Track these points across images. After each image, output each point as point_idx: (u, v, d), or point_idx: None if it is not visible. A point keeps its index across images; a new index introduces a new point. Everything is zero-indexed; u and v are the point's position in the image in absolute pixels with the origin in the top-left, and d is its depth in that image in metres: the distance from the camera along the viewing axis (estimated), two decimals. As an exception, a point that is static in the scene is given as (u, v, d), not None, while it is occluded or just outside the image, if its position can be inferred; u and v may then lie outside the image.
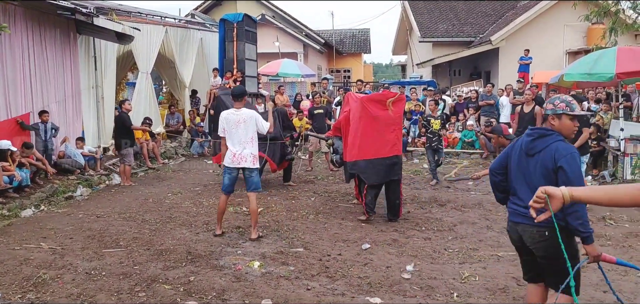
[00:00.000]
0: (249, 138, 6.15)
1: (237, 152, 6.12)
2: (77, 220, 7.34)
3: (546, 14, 18.82)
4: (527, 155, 3.33)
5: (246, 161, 6.14)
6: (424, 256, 5.69)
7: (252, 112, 6.26)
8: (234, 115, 6.17)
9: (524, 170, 3.35)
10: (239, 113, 6.17)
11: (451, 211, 7.70)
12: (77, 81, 11.06)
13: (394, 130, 7.15)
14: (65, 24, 10.72)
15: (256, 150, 6.25)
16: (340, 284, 4.87)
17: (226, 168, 6.23)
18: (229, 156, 6.16)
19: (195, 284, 4.80)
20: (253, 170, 6.21)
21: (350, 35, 33.35)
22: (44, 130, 9.52)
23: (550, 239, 3.13)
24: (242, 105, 6.25)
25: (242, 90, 6.51)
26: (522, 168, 3.37)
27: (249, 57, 14.72)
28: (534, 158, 3.28)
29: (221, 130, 6.24)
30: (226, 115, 6.23)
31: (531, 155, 3.30)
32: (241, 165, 6.15)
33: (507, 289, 4.73)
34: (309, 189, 9.41)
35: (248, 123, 6.13)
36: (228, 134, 6.17)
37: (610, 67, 8.83)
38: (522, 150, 3.37)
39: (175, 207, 8.02)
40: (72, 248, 5.96)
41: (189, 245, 6.02)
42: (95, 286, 4.81)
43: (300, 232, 6.59)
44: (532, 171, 3.29)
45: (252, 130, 6.17)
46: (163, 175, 11.07)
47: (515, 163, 3.43)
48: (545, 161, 3.20)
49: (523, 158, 3.36)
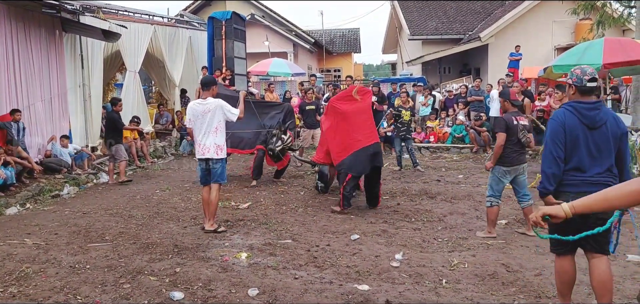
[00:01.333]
0: (213, 128, 6.01)
1: (202, 142, 6.03)
2: (63, 216, 7.24)
3: (534, 10, 18.92)
4: (589, 128, 3.51)
5: (209, 151, 6.03)
6: (413, 246, 5.66)
7: (218, 101, 6.10)
8: (200, 106, 6.06)
9: (588, 143, 3.51)
10: (205, 103, 6.05)
11: (441, 203, 7.67)
12: (63, 80, 10.93)
13: (366, 119, 7.24)
14: (50, 21, 10.60)
15: (221, 140, 6.09)
16: (329, 273, 4.82)
17: (198, 160, 6.19)
18: (197, 149, 6.12)
19: (181, 276, 4.73)
20: (217, 161, 6.06)
21: (340, 35, 33.33)
22: (16, 129, 9.30)
23: None
24: (209, 94, 6.09)
25: (210, 79, 6.37)
26: (582, 141, 3.51)
27: (238, 55, 14.68)
28: (599, 130, 3.51)
29: (188, 121, 6.19)
30: (192, 105, 6.16)
31: (597, 127, 3.50)
32: (205, 155, 6.04)
33: (496, 275, 4.71)
34: (299, 183, 9.36)
35: (214, 113, 6.00)
36: (194, 125, 6.08)
37: (597, 58, 8.88)
38: (580, 124, 3.51)
39: (163, 203, 7.93)
40: (56, 243, 5.86)
41: (176, 238, 5.95)
42: (79, 279, 4.72)
43: (289, 225, 6.54)
44: (600, 141, 3.51)
45: (217, 120, 6.02)
46: (152, 174, 10.96)
47: (572, 140, 3.53)
48: (613, 129, 3.52)
49: (583, 133, 3.51)
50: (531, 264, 4.97)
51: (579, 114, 3.54)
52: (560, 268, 3.72)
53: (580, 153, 3.53)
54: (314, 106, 11.60)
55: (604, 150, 3.54)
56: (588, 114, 3.53)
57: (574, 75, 3.62)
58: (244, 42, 15.37)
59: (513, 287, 4.45)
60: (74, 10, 10.91)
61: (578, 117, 3.53)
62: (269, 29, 23.23)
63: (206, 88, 6.11)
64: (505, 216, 6.79)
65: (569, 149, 3.54)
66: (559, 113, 3.62)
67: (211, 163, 6.09)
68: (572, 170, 3.55)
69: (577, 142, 3.53)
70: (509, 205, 7.43)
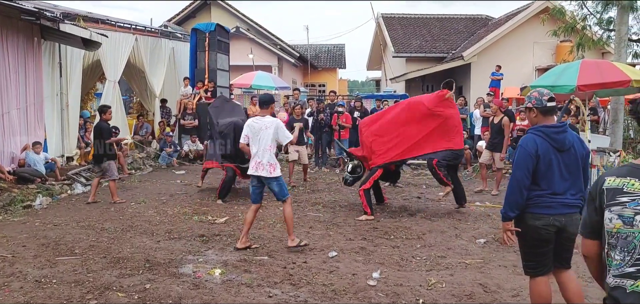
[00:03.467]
0: (267, 146, 5.92)
1: (258, 160, 5.93)
2: (33, 228, 7.02)
3: (516, 31, 19.18)
4: (559, 151, 3.54)
5: (264, 169, 5.91)
6: (391, 264, 5.58)
7: (276, 120, 6.09)
8: (257, 123, 5.98)
9: (559, 166, 3.55)
10: (263, 120, 5.98)
11: (421, 221, 7.61)
12: (39, 88, 10.71)
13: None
14: (29, 28, 10.40)
15: (274, 159, 6.01)
16: (304, 292, 4.71)
17: (252, 178, 6.06)
18: (252, 166, 5.97)
19: (150, 292, 4.57)
20: (272, 180, 5.95)
21: (326, 50, 33.42)
22: None
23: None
24: (267, 112, 6.06)
25: (269, 97, 6.28)
26: (555, 165, 3.54)
27: (221, 67, 14.59)
28: (568, 152, 3.56)
29: (244, 137, 6.05)
30: (250, 122, 6.05)
31: (566, 149, 3.55)
32: (258, 172, 5.92)
33: (473, 296, 4.65)
34: (278, 199, 9.22)
35: (270, 132, 5.92)
36: (252, 142, 5.98)
37: (572, 79, 8.96)
38: (551, 148, 3.53)
39: (138, 216, 7.74)
40: (23, 256, 5.66)
41: (148, 252, 5.79)
42: (44, 294, 4.55)
43: (266, 240, 6.42)
44: (570, 163, 3.57)
45: (272, 139, 5.95)
46: (128, 185, 10.73)
47: (546, 165, 3.53)
48: (580, 151, 3.62)
49: (555, 156, 3.54)
50: (509, 284, 4.92)
51: (549, 138, 3.55)
52: (536, 290, 3.71)
53: (554, 177, 3.55)
54: (301, 123, 11.49)
55: (574, 172, 3.60)
56: (557, 138, 3.56)
57: (533, 98, 3.64)
58: (227, 55, 15.29)
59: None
60: (54, 18, 10.72)
61: (548, 141, 3.54)
62: (254, 42, 23.18)
63: (265, 106, 6.05)
64: (484, 234, 6.75)
65: (543, 173, 3.54)
66: (528, 139, 3.60)
67: (266, 181, 5.97)
68: (549, 194, 3.56)
69: (550, 165, 3.54)
70: (487, 223, 7.42)
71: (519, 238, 3.72)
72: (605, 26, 12.62)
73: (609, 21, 12.31)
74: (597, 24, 12.66)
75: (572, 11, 13.19)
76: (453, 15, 25.79)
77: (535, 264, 3.70)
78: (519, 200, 3.57)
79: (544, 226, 3.56)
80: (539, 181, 3.55)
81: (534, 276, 3.72)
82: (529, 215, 3.60)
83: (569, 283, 3.71)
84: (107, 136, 8.83)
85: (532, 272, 3.73)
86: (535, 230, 3.58)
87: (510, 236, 3.70)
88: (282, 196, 6.01)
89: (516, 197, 3.58)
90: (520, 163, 3.57)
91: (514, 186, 3.58)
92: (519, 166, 3.57)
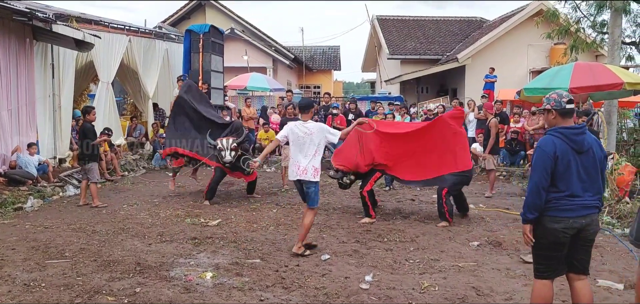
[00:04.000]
0: (312, 151, 5.85)
1: (302, 164, 5.84)
2: (23, 230, 6.94)
3: (510, 33, 19.24)
4: (578, 153, 3.53)
5: (307, 173, 5.83)
6: (384, 267, 5.55)
7: (321, 125, 6.03)
8: (300, 129, 5.86)
9: (577, 167, 3.53)
10: (306, 126, 5.88)
11: (414, 223, 7.59)
12: (31, 89, 10.62)
13: None
14: (21, 29, 10.32)
15: (318, 163, 5.93)
16: (296, 295, 4.67)
17: (295, 183, 6.01)
18: (293, 170, 5.89)
19: (140, 296, 4.53)
20: (311, 184, 5.87)
21: (321, 52, 33.39)
22: None
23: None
24: (308, 117, 5.99)
25: (309, 102, 6.22)
26: (573, 167, 3.53)
27: (215, 68, 14.49)
28: (585, 154, 3.55)
29: (282, 137, 5.97)
30: (292, 127, 5.92)
31: (584, 151, 3.54)
32: (302, 177, 5.84)
33: (466, 299, 4.62)
34: (272, 201, 9.19)
35: (315, 137, 5.84)
36: (293, 146, 5.89)
37: (565, 82, 8.96)
38: (570, 150, 3.52)
39: (130, 218, 7.68)
40: (12, 259, 5.59)
41: (139, 255, 5.73)
42: (32, 298, 4.49)
43: (259, 243, 6.37)
44: (588, 165, 3.56)
45: (318, 143, 5.87)
46: (121, 187, 10.66)
47: (565, 166, 3.52)
48: (598, 153, 3.61)
49: (573, 158, 3.52)
50: (502, 288, 4.90)
51: (568, 139, 3.53)
52: (541, 292, 3.70)
53: (572, 178, 3.53)
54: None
55: (592, 174, 3.59)
56: (576, 139, 3.54)
57: (552, 99, 3.64)
58: (221, 56, 15.19)
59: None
60: (46, 19, 10.63)
61: (567, 143, 3.53)
62: (249, 44, 23.14)
63: (306, 110, 5.98)
64: (477, 238, 6.73)
65: (561, 175, 3.52)
66: (547, 140, 3.58)
67: (305, 185, 5.89)
68: (567, 196, 3.54)
69: (569, 167, 3.52)
70: (481, 226, 7.40)
71: (535, 241, 3.68)
72: (598, 29, 12.66)
73: (603, 24, 12.35)
74: (591, 26, 12.71)
75: (566, 14, 13.25)
76: (448, 18, 25.85)
77: (546, 268, 3.69)
78: (538, 202, 3.54)
79: (563, 229, 3.54)
80: (557, 182, 3.53)
81: (540, 278, 3.71)
82: (548, 218, 3.57)
83: (581, 291, 3.69)
84: (92, 137, 8.69)
85: (541, 275, 3.72)
86: (554, 233, 3.56)
87: (531, 238, 3.66)
88: (314, 203, 5.96)
89: (535, 199, 3.54)
90: (538, 164, 3.55)
91: (532, 188, 3.55)
92: (537, 168, 3.55)
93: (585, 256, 3.70)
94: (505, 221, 7.73)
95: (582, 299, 3.68)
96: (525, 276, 5.23)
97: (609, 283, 5.00)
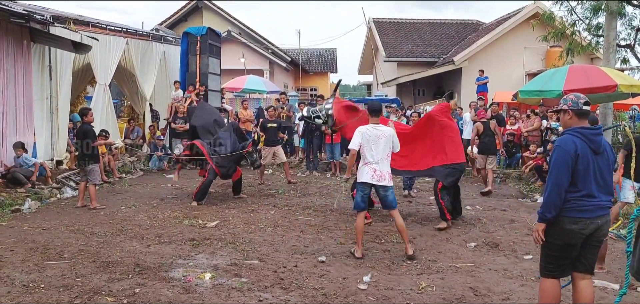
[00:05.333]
0: (386, 155, 5.92)
1: (377, 168, 5.87)
2: (22, 232, 6.94)
3: (506, 36, 19.33)
4: (595, 153, 3.57)
5: (385, 179, 5.88)
6: (381, 268, 5.58)
7: (390, 129, 6.08)
8: (374, 131, 5.91)
9: (594, 168, 3.57)
10: (379, 129, 5.94)
11: (411, 224, 7.62)
12: (29, 91, 10.60)
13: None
14: (18, 31, 10.31)
15: (389, 167, 6.01)
16: (294, 296, 4.70)
17: (362, 184, 5.94)
18: (368, 173, 5.88)
19: (140, 297, 4.55)
20: (388, 188, 5.91)
21: (317, 54, 33.44)
22: None
23: None
24: (378, 120, 6.07)
25: (379, 105, 6.31)
26: (591, 167, 3.56)
27: (212, 71, 14.51)
28: (601, 155, 3.60)
29: (356, 144, 5.92)
30: (365, 130, 5.93)
31: (600, 152, 3.59)
32: (381, 182, 5.86)
33: (463, 299, 4.66)
34: (269, 202, 9.22)
35: (388, 140, 5.92)
36: (367, 150, 5.89)
37: (559, 84, 9.03)
38: (589, 150, 3.56)
39: (128, 220, 7.69)
40: (11, 261, 5.60)
41: (138, 257, 5.75)
42: (31, 299, 4.50)
43: (257, 244, 6.40)
44: (602, 166, 3.61)
45: (390, 147, 5.97)
46: (118, 189, 10.66)
47: (584, 166, 3.54)
48: (610, 155, 3.69)
49: (592, 158, 3.56)
50: (499, 288, 4.94)
51: (587, 139, 3.57)
52: (552, 291, 3.74)
53: (590, 178, 3.56)
54: (275, 124, 11.52)
55: (606, 174, 3.64)
56: (594, 139, 3.59)
57: (568, 100, 3.69)
58: (219, 58, 15.21)
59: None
60: (44, 21, 10.63)
61: (586, 143, 3.56)
62: (246, 46, 23.17)
63: (376, 114, 6.06)
64: (474, 239, 6.78)
65: (580, 175, 3.55)
66: (567, 139, 3.59)
67: (382, 190, 5.91)
68: (585, 196, 3.56)
69: (588, 167, 3.55)
70: (478, 227, 7.45)
71: (547, 241, 3.70)
72: (594, 32, 12.73)
73: (598, 27, 12.42)
74: (586, 29, 12.77)
75: (561, 17, 13.31)
76: (444, 20, 25.97)
77: (555, 267, 3.72)
78: (558, 201, 3.55)
79: (580, 230, 3.56)
80: (577, 182, 3.55)
81: (548, 277, 3.75)
82: (566, 219, 3.58)
83: (585, 291, 3.73)
84: (92, 138, 8.68)
85: (549, 274, 3.75)
86: (570, 234, 3.58)
87: (542, 237, 3.68)
88: (394, 205, 5.99)
89: (555, 198, 3.55)
90: (560, 163, 3.54)
91: (553, 187, 3.55)
92: (558, 167, 3.55)
93: (593, 256, 3.75)
94: (502, 222, 7.78)
95: (584, 299, 3.71)
96: (523, 276, 5.28)
97: (604, 283, 5.06)
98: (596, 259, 3.79)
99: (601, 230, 3.64)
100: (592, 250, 3.72)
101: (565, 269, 3.74)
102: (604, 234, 3.71)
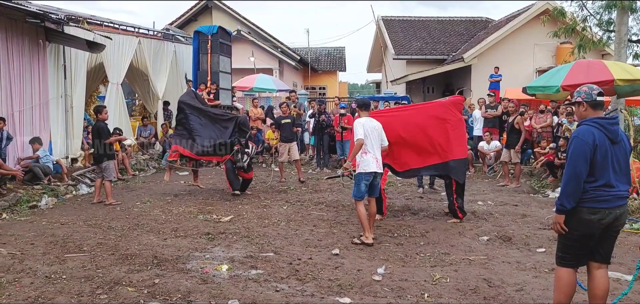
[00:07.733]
0: (379, 145, 6.35)
1: (376, 157, 6.26)
2: (40, 227, 7.09)
3: (517, 33, 19.26)
4: (612, 143, 3.60)
5: (380, 166, 6.33)
6: (395, 260, 5.65)
7: (379, 124, 6.45)
8: (370, 123, 6.31)
9: (612, 157, 3.59)
10: (372, 122, 6.35)
11: (423, 219, 7.68)
12: (45, 89, 10.78)
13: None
14: (34, 31, 10.48)
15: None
16: (310, 286, 4.78)
17: (365, 174, 6.20)
18: (372, 162, 6.20)
19: (159, 287, 4.65)
20: (379, 175, 6.38)
21: (326, 53, 33.50)
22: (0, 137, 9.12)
23: None
24: (368, 114, 6.48)
25: (368, 100, 6.79)
26: (609, 157, 3.58)
27: (223, 69, 14.66)
28: (619, 145, 3.63)
29: (361, 134, 6.14)
30: (364, 122, 6.26)
31: (617, 142, 3.62)
32: (380, 170, 6.32)
33: (478, 290, 4.71)
34: (281, 198, 9.30)
35: (380, 132, 6.36)
36: (367, 140, 6.21)
37: (559, 80, 9.03)
38: (607, 140, 3.57)
39: (144, 215, 7.81)
40: (32, 253, 5.73)
41: (156, 249, 5.86)
42: (54, 289, 4.62)
43: (271, 238, 6.49)
44: (619, 155, 3.64)
45: (381, 138, 6.38)
46: (132, 186, 10.81)
47: (602, 156, 3.56)
48: (627, 145, 3.71)
49: (609, 148, 3.58)
50: (512, 279, 4.99)
51: (605, 129, 3.59)
52: (567, 280, 3.76)
53: (608, 168, 3.58)
54: (289, 120, 11.57)
55: (623, 164, 3.66)
56: (612, 129, 3.62)
57: (582, 92, 3.72)
58: (229, 57, 15.36)
59: (494, 302, 4.46)
60: (59, 20, 10.81)
61: (604, 132, 3.59)
62: (255, 45, 23.27)
63: (366, 109, 6.49)
64: (487, 232, 6.82)
65: (599, 165, 3.56)
66: (585, 130, 3.61)
67: (376, 178, 6.30)
68: (603, 186, 3.58)
69: (606, 157, 3.57)
70: (490, 221, 7.48)
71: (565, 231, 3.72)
72: (605, 27, 12.67)
73: (609, 22, 12.36)
74: (597, 25, 12.72)
75: (572, 12, 13.27)
76: (453, 18, 25.91)
77: (572, 257, 3.74)
78: (577, 192, 3.56)
79: (599, 220, 3.58)
80: (595, 172, 3.56)
81: (565, 266, 3.78)
82: (585, 209, 3.59)
83: (600, 280, 3.74)
84: (106, 136, 8.83)
85: (566, 263, 3.78)
86: (589, 225, 3.60)
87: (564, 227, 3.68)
88: (377, 193, 6.47)
89: (575, 189, 3.56)
90: (578, 153, 3.55)
91: (571, 177, 3.56)
92: (577, 157, 3.55)
93: (610, 246, 3.77)
94: (514, 217, 7.80)
95: (600, 288, 3.74)
96: (536, 268, 5.32)
97: (618, 275, 5.08)
98: (612, 249, 3.80)
99: (620, 219, 3.67)
100: (609, 239, 3.74)
101: (581, 260, 3.76)
102: (623, 224, 3.73)
